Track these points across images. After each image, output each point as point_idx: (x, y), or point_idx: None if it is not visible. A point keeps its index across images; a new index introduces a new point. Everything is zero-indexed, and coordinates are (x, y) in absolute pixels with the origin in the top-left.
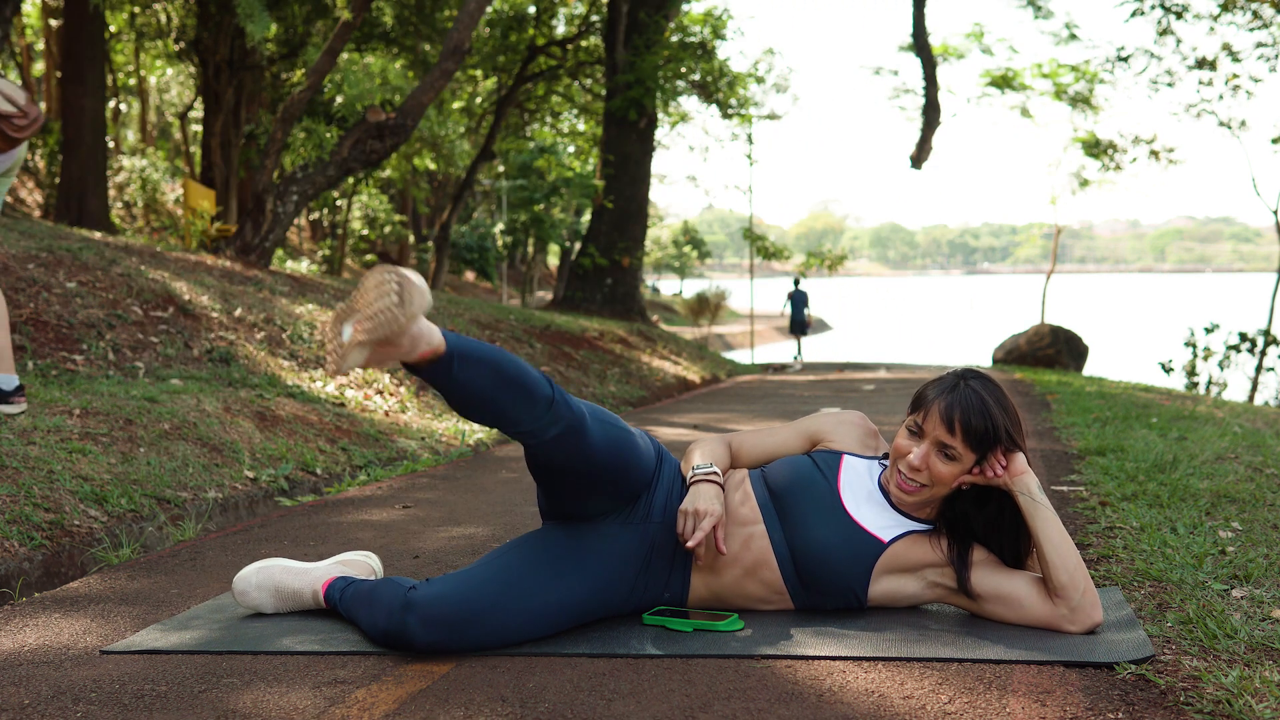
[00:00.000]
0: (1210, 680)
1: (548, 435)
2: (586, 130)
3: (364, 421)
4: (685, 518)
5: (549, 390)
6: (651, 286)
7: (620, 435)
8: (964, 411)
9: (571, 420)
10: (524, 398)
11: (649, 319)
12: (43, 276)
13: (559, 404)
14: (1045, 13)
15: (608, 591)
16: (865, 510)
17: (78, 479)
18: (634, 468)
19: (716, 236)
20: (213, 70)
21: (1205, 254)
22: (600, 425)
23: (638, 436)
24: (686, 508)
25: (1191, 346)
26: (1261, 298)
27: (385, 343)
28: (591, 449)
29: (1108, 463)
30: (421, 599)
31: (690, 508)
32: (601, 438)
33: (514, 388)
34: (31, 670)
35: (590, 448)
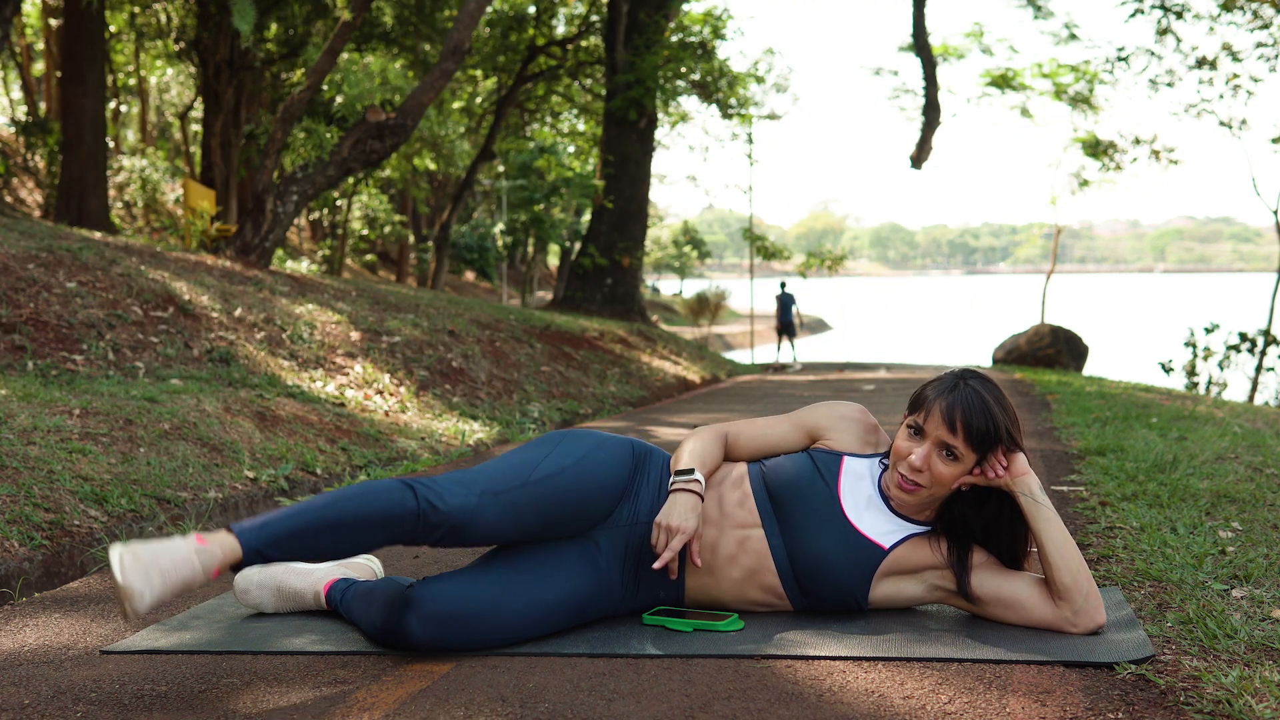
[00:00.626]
0: (1210, 680)
1: (433, 540)
2: (586, 130)
3: (364, 421)
4: (658, 531)
5: (410, 505)
6: (651, 286)
7: (532, 495)
8: (965, 411)
9: (450, 521)
10: (380, 528)
11: (649, 319)
12: (43, 276)
13: (426, 512)
14: (1045, 13)
15: (604, 591)
16: (866, 516)
17: (78, 479)
18: (578, 502)
19: (716, 236)
20: (213, 70)
21: (1205, 254)
22: (495, 500)
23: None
24: (660, 521)
25: (1191, 346)
26: (1261, 298)
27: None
28: (496, 528)
29: (1108, 463)
30: (420, 596)
31: (664, 522)
32: (500, 513)
33: (361, 527)
34: (31, 670)
35: (494, 527)
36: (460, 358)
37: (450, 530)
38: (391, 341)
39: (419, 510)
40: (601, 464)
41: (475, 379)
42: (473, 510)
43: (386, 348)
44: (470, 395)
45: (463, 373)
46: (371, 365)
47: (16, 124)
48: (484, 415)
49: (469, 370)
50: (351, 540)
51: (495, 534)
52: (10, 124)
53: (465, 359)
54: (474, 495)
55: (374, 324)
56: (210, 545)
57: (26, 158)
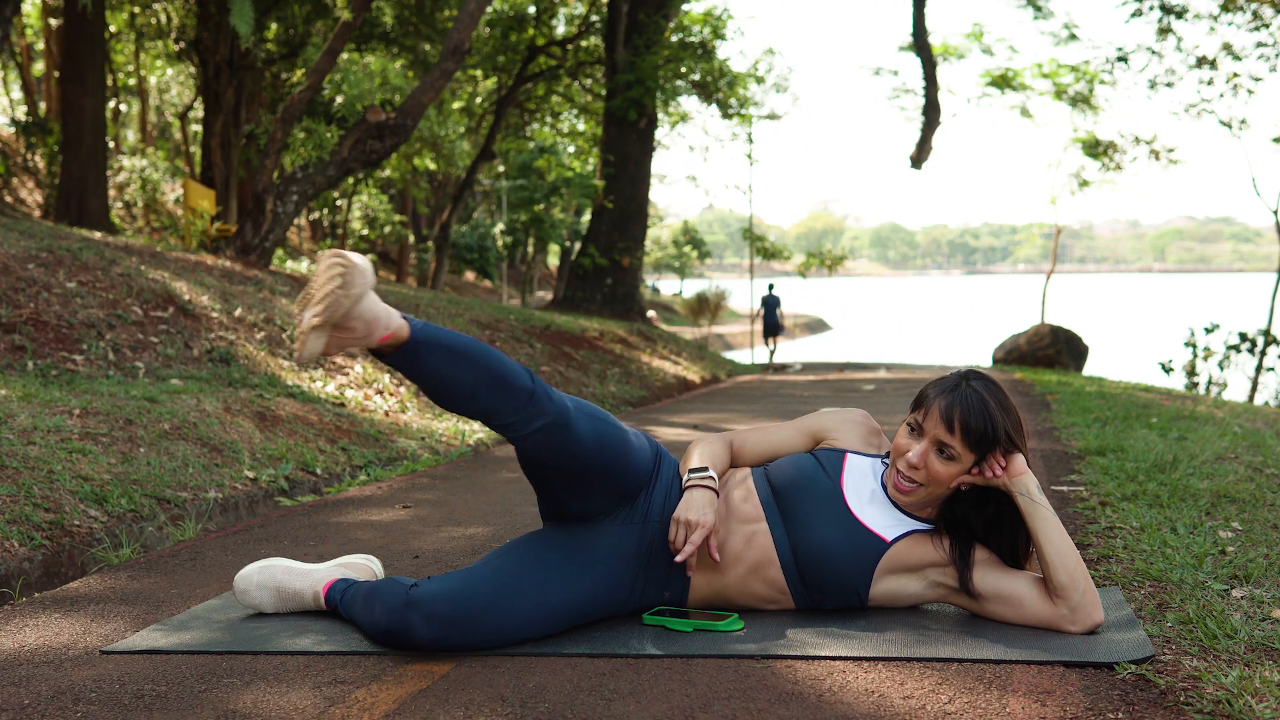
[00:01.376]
0: (1210, 680)
1: (530, 428)
2: (586, 130)
3: (364, 421)
4: (677, 526)
5: (529, 382)
6: (651, 286)
7: (610, 431)
8: (964, 411)
9: (555, 413)
10: (501, 390)
11: (649, 319)
12: (43, 276)
13: (540, 396)
14: (1045, 13)
15: (608, 591)
16: (869, 509)
17: (78, 479)
18: (627, 465)
19: (716, 236)
20: (213, 70)
21: (1205, 254)
22: (588, 420)
23: (631, 435)
24: (679, 516)
25: (1191, 346)
26: (1261, 298)
27: (339, 327)
28: (577, 444)
29: (1108, 463)
30: (423, 596)
31: (682, 517)
32: (589, 433)
33: (489, 379)
34: (31, 670)
35: (576, 442)
36: None
37: (551, 424)
38: None
39: (534, 390)
40: (641, 446)
41: None
42: (572, 416)
43: None
44: None
45: None
46: (371, 365)
47: (16, 124)
48: None
49: None
50: (478, 385)
51: (575, 450)
52: (10, 124)
53: None
54: (572, 405)
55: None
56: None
57: (26, 158)
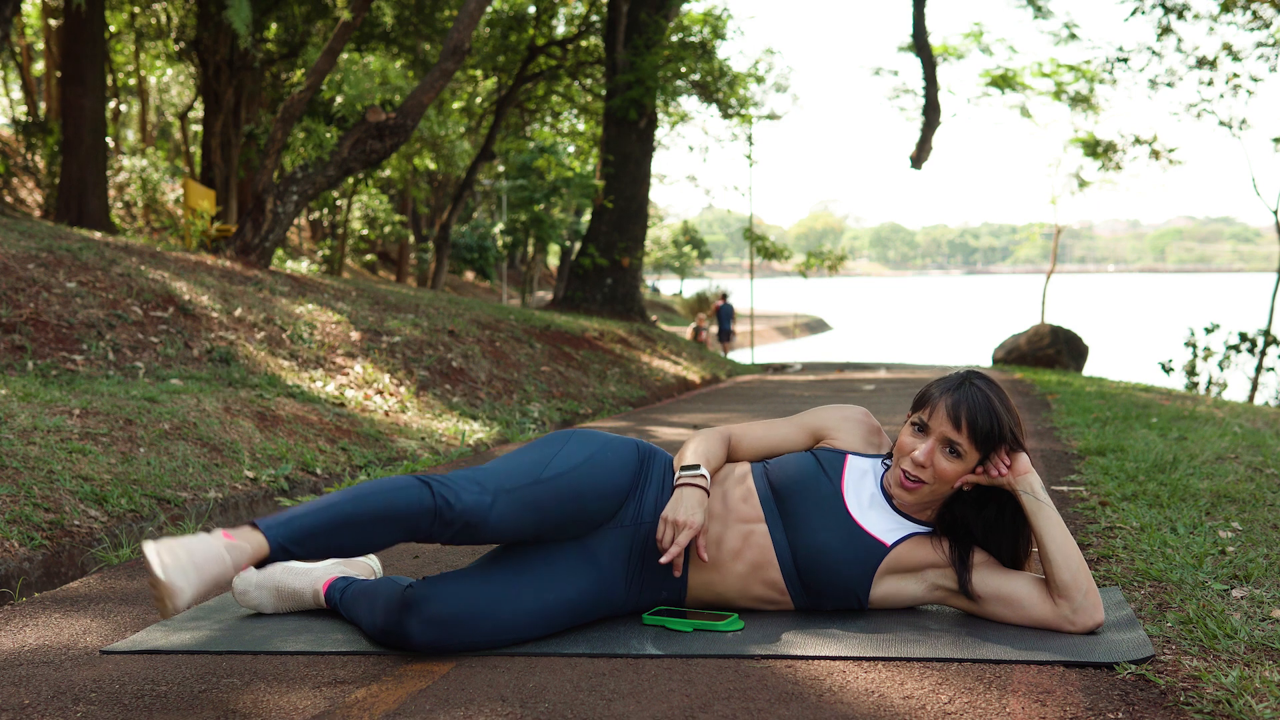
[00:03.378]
0: (1210, 680)
1: (447, 536)
2: (586, 130)
3: (364, 421)
4: (665, 526)
5: (427, 502)
6: (651, 286)
7: (545, 491)
8: (970, 409)
9: (465, 516)
10: (399, 525)
11: (649, 319)
12: (43, 276)
13: (442, 509)
14: (1045, 13)
15: (605, 592)
16: (869, 513)
17: (78, 479)
18: (585, 499)
19: (716, 236)
20: (213, 70)
21: (1205, 254)
22: (509, 498)
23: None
24: (667, 515)
25: (1191, 346)
26: (1261, 298)
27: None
28: (507, 523)
29: (1108, 463)
30: (420, 597)
31: (671, 516)
32: (515, 509)
33: (380, 525)
34: (31, 670)
35: (506, 523)
36: (460, 358)
37: (464, 528)
38: (391, 341)
39: (435, 507)
40: (609, 463)
41: (475, 379)
42: (487, 508)
43: (386, 348)
44: (470, 395)
45: (463, 373)
46: (371, 365)
47: (16, 124)
48: (484, 415)
49: (469, 370)
50: (371, 537)
51: (508, 531)
52: (10, 124)
53: (465, 359)
54: (488, 493)
55: (374, 324)
56: (239, 540)
57: (26, 158)
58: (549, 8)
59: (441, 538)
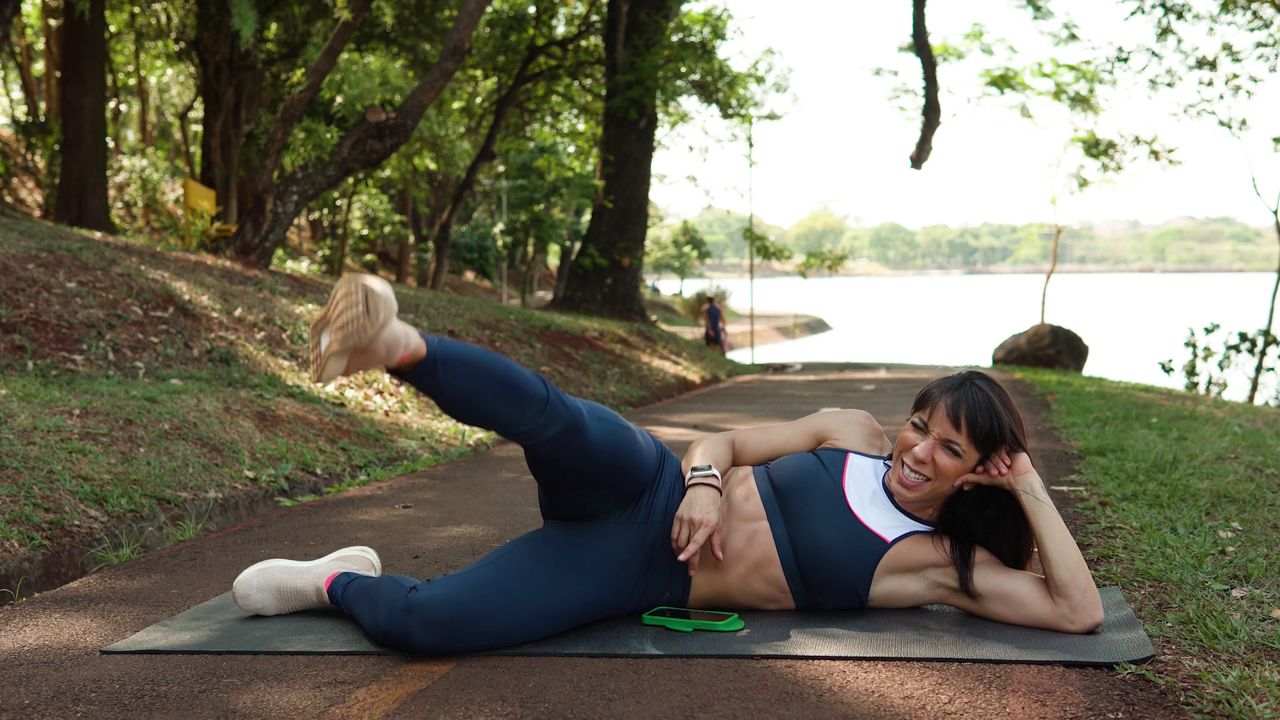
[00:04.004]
0: (1210, 680)
1: (545, 435)
2: (586, 130)
3: (364, 421)
4: (680, 525)
5: (543, 390)
6: (651, 286)
7: (620, 432)
8: (970, 409)
9: (569, 419)
10: (516, 399)
11: (649, 319)
12: (43, 276)
13: (554, 403)
14: (1045, 13)
15: (609, 592)
16: (870, 510)
17: (78, 479)
18: (635, 466)
19: (716, 236)
20: (213, 70)
21: (1205, 254)
22: (599, 422)
23: (639, 435)
24: (683, 514)
25: (1191, 346)
26: (1261, 298)
27: (359, 351)
28: (590, 447)
29: (1108, 463)
30: (422, 601)
31: (686, 515)
32: (601, 435)
33: (505, 390)
34: (31, 670)
35: (589, 446)
36: None
37: (565, 430)
38: None
39: (548, 398)
40: (648, 446)
41: None
42: (585, 420)
43: None
44: None
45: None
46: None
47: (16, 124)
48: None
49: None
50: (495, 399)
51: (588, 454)
52: (10, 124)
53: None
54: (585, 409)
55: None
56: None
57: (26, 158)
58: (549, 8)
59: (540, 436)
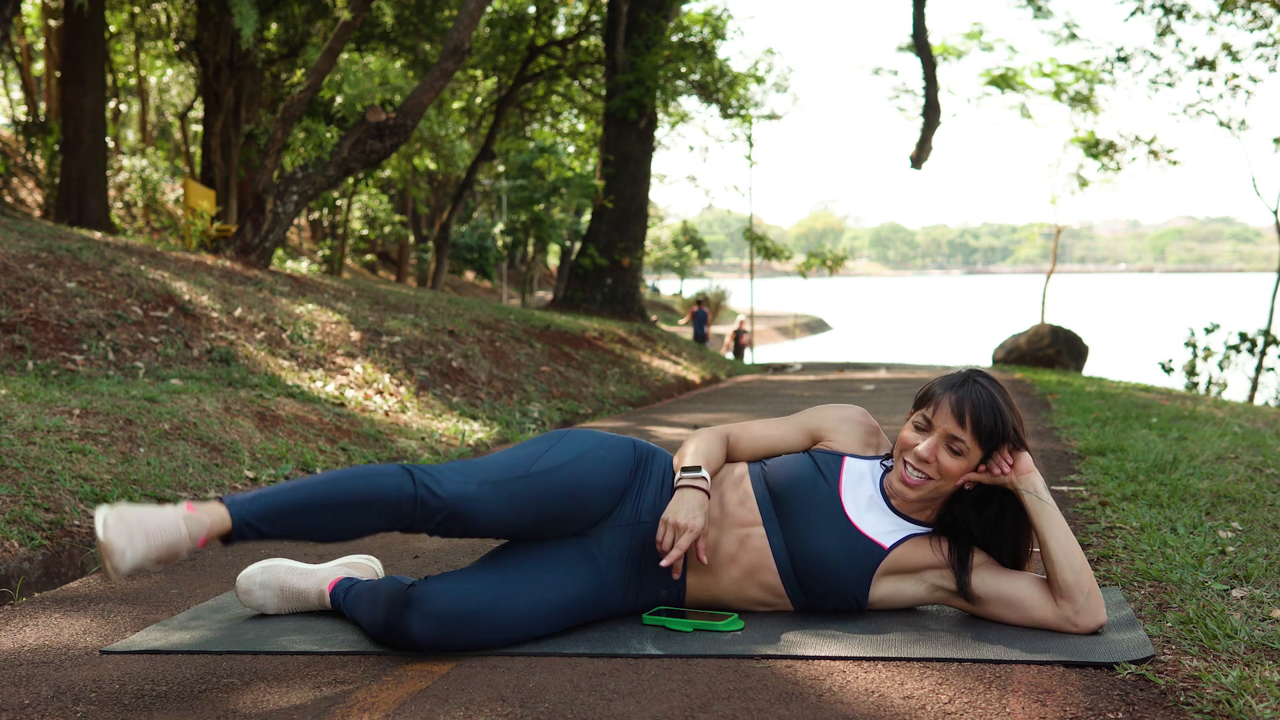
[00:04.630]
0: (1210, 680)
1: (431, 526)
2: (586, 130)
3: (364, 421)
4: (665, 528)
5: (407, 489)
6: (651, 286)
7: (533, 486)
8: (974, 407)
9: (449, 506)
10: (372, 510)
11: (649, 319)
12: (43, 276)
13: (424, 498)
14: (1045, 12)
15: (605, 591)
16: (866, 516)
17: (78, 479)
18: (578, 498)
19: (716, 236)
20: (213, 70)
21: (1205, 254)
22: (495, 490)
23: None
24: (668, 518)
25: (1191, 346)
26: (1261, 298)
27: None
28: (495, 517)
29: (1108, 463)
30: (422, 595)
31: (671, 519)
32: (501, 502)
33: (352, 508)
34: (31, 670)
35: (493, 516)
36: (460, 358)
37: (449, 517)
38: (391, 341)
39: (416, 495)
40: (603, 461)
41: (475, 379)
42: (471, 498)
43: (386, 348)
44: (470, 395)
45: (463, 373)
46: (371, 365)
47: (16, 124)
48: (484, 415)
49: (469, 370)
50: (346, 521)
51: (494, 524)
52: (10, 124)
53: (465, 359)
54: (473, 484)
55: (374, 324)
56: (199, 514)
57: (26, 158)
58: (549, 8)
59: (426, 527)
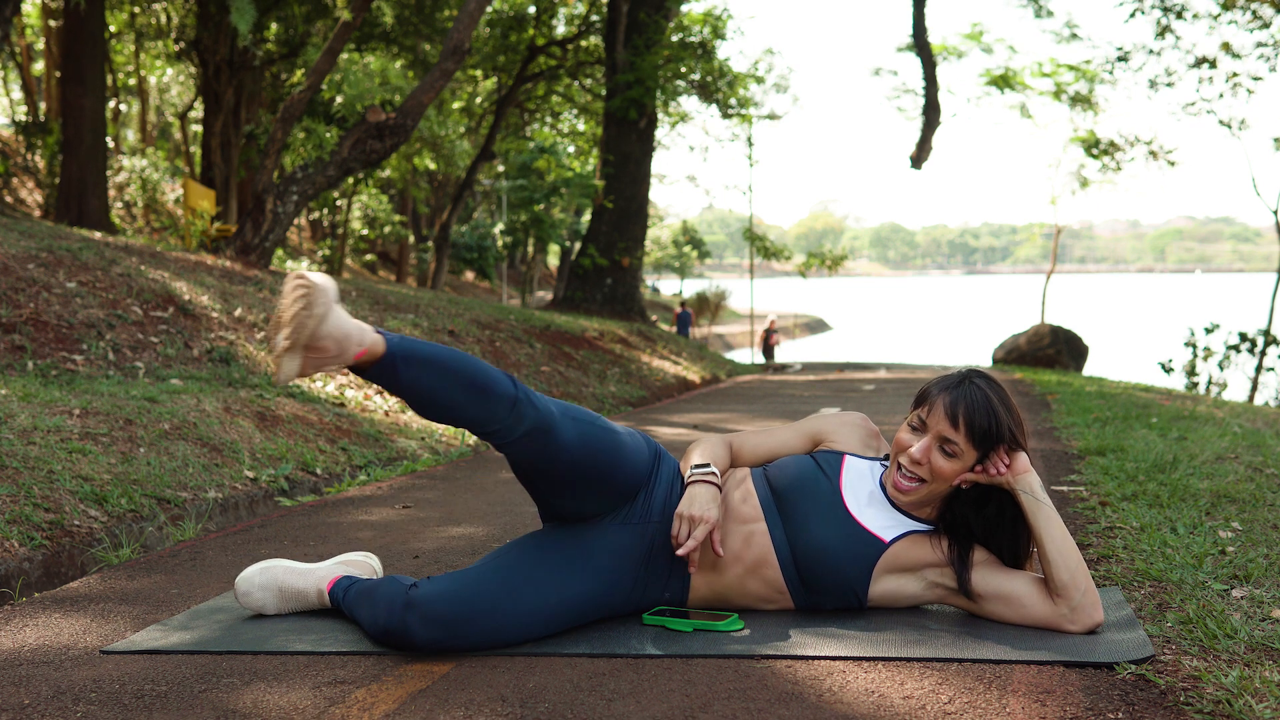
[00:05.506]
0: (1210, 680)
1: (515, 434)
2: (586, 130)
3: (364, 421)
4: (680, 521)
5: (511, 389)
6: (651, 286)
7: (598, 434)
8: (968, 408)
9: (538, 419)
10: (483, 397)
11: (649, 319)
12: (43, 276)
13: (523, 403)
14: (1045, 12)
15: (608, 592)
16: (867, 510)
17: (78, 479)
18: (618, 468)
19: (716, 236)
20: (213, 70)
21: (1205, 254)
22: (574, 424)
23: (625, 435)
24: (682, 511)
25: (1191, 346)
26: (1261, 298)
27: (311, 347)
28: (564, 449)
29: (1108, 463)
30: (422, 597)
31: (686, 512)
32: (574, 436)
33: (471, 388)
34: (31, 670)
35: (562, 446)
36: None
37: (534, 430)
38: None
39: (517, 397)
40: (637, 445)
41: None
42: (556, 421)
43: None
44: None
45: None
46: None
47: (16, 124)
48: None
49: None
50: (460, 396)
51: (561, 455)
52: (10, 124)
53: None
54: (557, 411)
55: (374, 324)
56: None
57: (26, 158)
58: (549, 8)
59: (511, 435)
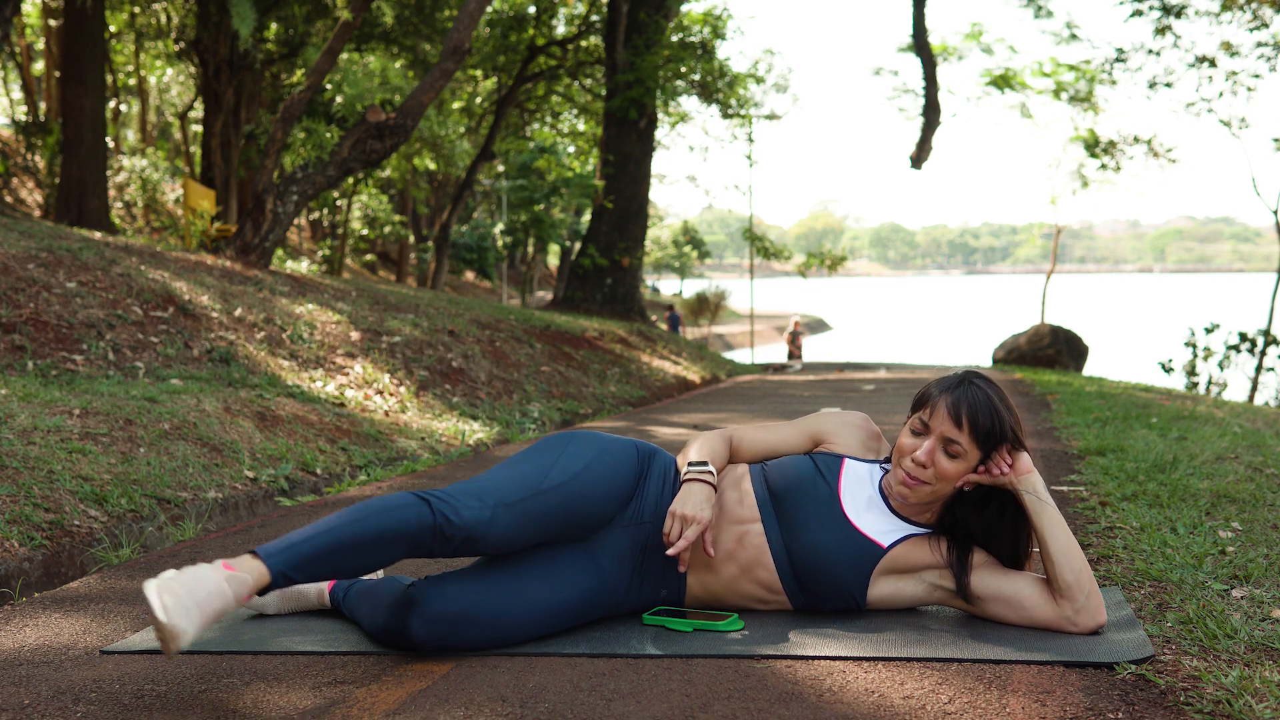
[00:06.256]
0: (1210, 680)
1: (451, 549)
2: (586, 130)
3: (364, 421)
4: (673, 520)
5: (426, 517)
6: (651, 286)
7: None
8: (971, 408)
9: (467, 530)
10: (397, 543)
11: (649, 319)
12: (43, 276)
13: (443, 524)
14: (1045, 12)
15: (606, 591)
16: (865, 516)
17: (78, 479)
18: (583, 514)
19: (716, 236)
20: (213, 70)
21: (1205, 254)
22: (507, 511)
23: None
24: (675, 510)
25: (1191, 346)
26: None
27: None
28: (509, 536)
29: (1108, 463)
30: (422, 596)
31: (679, 511)
32: (514, 521)
33: (379, 543)
34: (31, 670)
35: (506, 536)
36: (460, 358)
37: (465, 541)
38: (391, 341)
39: (435, 524)
40: (609, 468)
41: (475, 379)
42: (487, 522)
43: (386, 348)
44: (470, 395)
45: (463, 373)
46: (371, 365)
47: (16, 124)
48: (484, 415)
49: (469, 370)
50: (373, 557)
51: (510, 542)
52: (10, 124)
53: (465, 359)
54: (488, 508)
55: (374, 324)
56: (238, 572)
57: (26, 158)
58: (549, 8)
59: (443, 553)
